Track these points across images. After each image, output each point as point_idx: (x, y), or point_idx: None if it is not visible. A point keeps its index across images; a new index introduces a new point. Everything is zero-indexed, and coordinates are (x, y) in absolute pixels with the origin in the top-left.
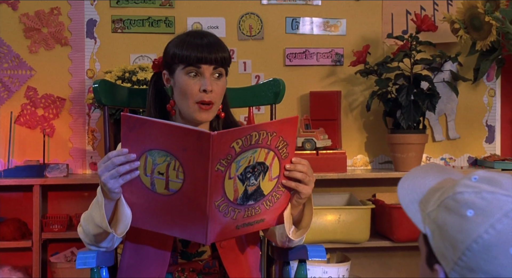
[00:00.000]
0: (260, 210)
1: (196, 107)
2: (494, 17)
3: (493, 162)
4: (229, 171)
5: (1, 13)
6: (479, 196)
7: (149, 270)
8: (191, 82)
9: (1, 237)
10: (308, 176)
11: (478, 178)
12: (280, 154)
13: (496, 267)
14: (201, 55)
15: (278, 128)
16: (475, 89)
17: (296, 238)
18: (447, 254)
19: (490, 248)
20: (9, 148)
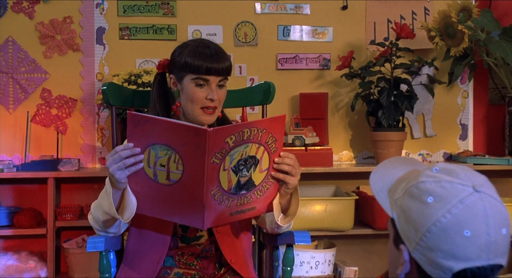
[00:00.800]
0: (252, 199)
1: (201, 112)
2: (466, 26)
3: (466, 158)
4: (223, 163)
5: (18, 22)
6: (438, 185)
7: (151, 253)
8: (198, 91)
9: (19, 225)
10: (294, 168)
11: (438, 169)
12: (270, 148)
13: (452, 247)
14: (211, 66)
15: (267, 125)
16: (450, 91)
17: (284, 224)
18: (410, 235)
19: (447, 230)
20: (25, 144)
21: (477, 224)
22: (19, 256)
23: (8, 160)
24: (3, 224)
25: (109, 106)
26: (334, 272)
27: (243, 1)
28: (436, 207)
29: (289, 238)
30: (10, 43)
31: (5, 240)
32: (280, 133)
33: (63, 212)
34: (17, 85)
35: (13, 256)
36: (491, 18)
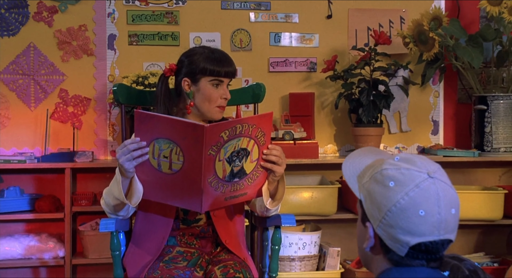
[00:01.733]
0: (243, 185)
1: (217, 110)
2: (437, 33)
3: (437, 150)
4: (219, 155)
5: (39, 29)
6: (398, 172)
7: (156, 233)
8: (214, 91)
9: (39, 210)
10: (281, 159)
11: (399, 158)
12: (259, 141)
13: (409, 224)
14: (227, 70)
15: (257, 121)
16: (423, 91)
17: (272, 208)
18: (375, 214)
19: (405, 210)
20: (45, 138)
21: (430, 205)
22: (39, 237)
23: (30, 152)
24: (26, 209)
25: (119, 105)
26: (319, 252)
27: (239, 11)
28: (396, 190)
29: (277, 220)
30: (32, 48)
31: (27, 224)
32: (268, 128)
33: (79, 199)
34: (37, 86)
35: (35, 238)
36: (458, 26)
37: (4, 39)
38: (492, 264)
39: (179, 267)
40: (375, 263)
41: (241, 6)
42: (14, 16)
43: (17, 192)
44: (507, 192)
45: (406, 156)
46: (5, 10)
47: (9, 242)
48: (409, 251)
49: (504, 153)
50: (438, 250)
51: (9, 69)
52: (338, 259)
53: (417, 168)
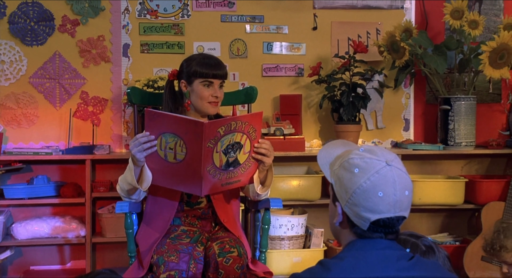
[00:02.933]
0: (237, 173)
1: (208, 105)
2: (407, 43)
3: (407, 144)
4: (216, 147)
5: (63, 40)
6: (362, 160)
7: (163, 214)
8: (205, 90)
9: (64, 195)
10: (269, 151)
11: (363, 149)
12: (251, 136)
13: (370, 203)
14: (215, 72)
15: (249, 119)
16: (396, 93)
17: (262, 192)
18: (343, 195)
19: (367, 192)
20: (68, 134)
21: (387, 188)
22: (64, 219)
23: (55, 146)
24: (52, 194)
25: (132, 105)
26: (305, 232)
27: (236, 23)
28: (360, 176)
29: (266, 203)
30: (57, 56)
31: (53, 207)
32: (258, 125)
33: (97, 186)
34: (62, 88)
35: (60, 219)
36: (426, 37)
37: (33, 48)
38: (455, 243)
39: (183, 243)
40: (343, 236)
41: (238, 19)
42: (42, 28)
43: (45, 180)
44: (467, 180)
45: (369, 147)
46: (34, 23)
47: (38, 223)
48: (370, 225)
49: (465, 147)
50: (394, 225)
51: (38, 74)
52: (321, 238)
53: (377, 158)
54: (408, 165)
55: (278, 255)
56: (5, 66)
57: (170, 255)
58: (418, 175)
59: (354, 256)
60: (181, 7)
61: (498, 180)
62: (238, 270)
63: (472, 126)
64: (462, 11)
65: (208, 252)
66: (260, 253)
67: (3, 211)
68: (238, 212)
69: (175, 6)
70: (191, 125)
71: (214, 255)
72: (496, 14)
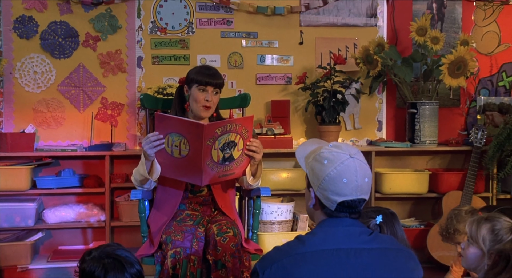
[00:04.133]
0: (232, 167)
1: (202, 108)
2: (379, 56)
3: (380, 142)
4: (214, 145)
5: (86, 53)
6: (330, 154)
7: (171, 201)
8: (200, 94)
9: (87, 186)
10: (259, 149)
11: (331, 145)
12: (243, 136)
13: (336, 188)
14: (208, 80)
15: (242, 122)
16: (370, 99)
17: (253, 183)
18: (315, 182)
19: (334, 179)
20: (90, 133)
21: (350, 175)
22: (87, 206)
23: (79, 144)
24: (76, 185)
25: (145, 109)
26: (293, 218)
27: (234, 39)
28: (328, 166)
29: (257, 192)
30: (81, 67)
31: (77, 196)
32: (250, 126)
33: (115, 178)
34: (85, 95)
35: (83, 206)
36: (395, 51)
37: (61, 61)
38: (420, 226)
39: (187, 225)
40: (316, 216)
41: (235, 35)
42: (68, 44)
43: (70, 173)
44: (431, 173)
45: (336, 144)
46: (62, 39)
47: (65, 209)
48: (337, 206)
49: (429, 145)
50: (356, 206)
51: (65, 82)
52: (306, 223)
53: (343, 152)
54: (380, 160)
55: (269, 237)
56: (37, 76)
57: (176, 235)
58: (389, 168)
59: (324, 231)
60: (187, 25)
61: (457, 173)
62: (233, 247)
63: (435, 127)
64: (425, 29)
65: (208, 232)
66: (252, 234)
67: (36, 199)
68: (234, 199)
69: (181, 24)
70: (193, 127)
71: (213, 235)
72: (455, 31)
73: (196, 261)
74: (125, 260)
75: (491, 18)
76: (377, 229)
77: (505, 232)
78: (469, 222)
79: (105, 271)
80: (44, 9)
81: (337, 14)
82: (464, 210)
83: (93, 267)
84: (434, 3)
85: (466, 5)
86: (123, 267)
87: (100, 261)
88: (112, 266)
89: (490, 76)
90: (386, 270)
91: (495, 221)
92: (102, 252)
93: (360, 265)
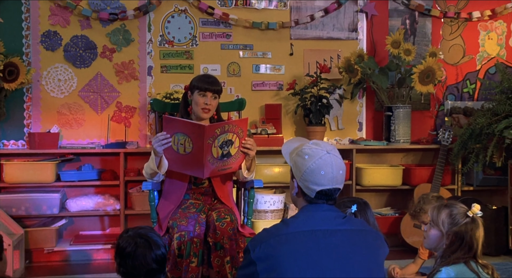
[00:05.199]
0: (230, 162)
1: (202, 111)
2: (359, 65)
3: (361, 141)
4: (214, 143)
5: (103, 63)
6: (310, 150)
7: (177, 191)
8: (200, 98)
9: (104, 179)
10: (253, 146)
11: (311, 143)
12: (239, 135)
13: (315, 179)
14: (208, 87)
15: (237, 123)
16: (352, 103)
17: (248, 176)
18: (297, 174)
19: (313, 171)
20: (107, 133)
21: (327, 168)
22: (104, 196)
23: (97, 142)
24: (95, 178)
25: (154, 111)
26: (284, 207)
27: (232, 50)
28: (309, 160)
29: (251, 183)
30: (99, 75)
31: (96, 188)
32: (245, 127)
33: (129, 172)
34: (102, 99)
35: (101, 197)
36: (373, 61)
37: (81, 70)
38: (395, 214)
39: (191, 212)
40: (299, 202)
41: (233, 47)
42: (87, 55)
43: (90, 168)
44: (404, 168)
45: (315, 141)
46: (82, 51)
47: (85, 199)
48: (316, 194)
49: (402, 143)
50: (332, 194)
51: (85, 89)
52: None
53: (321, 148)
54: (360, 157)
55: (263, 223)
56: (61, 83)
57: (181, 220)
58: (368, 164)
59: (305, 215)
60: (191, 38)
61: (427, 168)
62: (231, 231)
63: (408, 127)
64: (399, 42)
65: (208, 218)
66: (247, 220)
67: (60, 190)
68: (231, 190)
69: (186, 37)
70: (196, 127)
71: (213, 220)
72: (426, 44)
73: (198, 243)
74: (154, 242)
75: (456, 33)
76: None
77: (461, 217)
78: (431, 208)
79: (135, 248)
80: (67, 25)
81: (323, 29)
82: (431, 195)
83: (126, 243)
84: (407, 19)
85: (435, 21)
86: (150, 247)
87: (133, 239)
88: (142, 245)
89: (456, 83)
90: (357, 247)
91: (452, 207)
92: (136, 232)
93: (334, 243)
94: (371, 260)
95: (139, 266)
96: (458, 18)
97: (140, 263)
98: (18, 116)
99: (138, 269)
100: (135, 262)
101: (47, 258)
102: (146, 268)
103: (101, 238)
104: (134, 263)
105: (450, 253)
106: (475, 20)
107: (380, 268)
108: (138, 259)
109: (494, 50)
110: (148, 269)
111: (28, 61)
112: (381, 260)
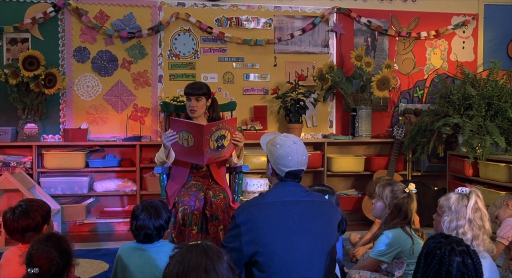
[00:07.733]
0: (223, 152)
1: (190, 112)
2: (330, 75)
3: (331, 136)
4: (211, 138)
5: (123, 73)
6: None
7: (181, 174)
8: (188, 102)
9: (123, 166)
10: (241, 139)
11: (282, 135)
12: (231, 131)
13: (284, 162)
14: (190, 92)
15: (229, 122)
16: (324, 105)
17: (237, 162)
18: (271, 159)
19: (283, 157)
20: (126, 129)
21: (294, 154)
22: (123, 180)
23: (118, 136)
24: (116, 165)
25: (164, 112)
26: (268, 189)
27: (227, 62)
28: (279, 148)
29: (240, 168)
30: (119, 82)
31: (117, 173)
32: (234, 125)
33: (143, 160)
34: (122, 102)
35: (121, 180)
36: (341, 72)
37: (105, 78)
38: (358, 195)
39: (192, 190)
40: (273, 180)
41: (228, 60)
42: (110, 66)
43: (112, 157)
44: (366, 157)
45: (286, 134)
46: (106, 63)
47: (108, 182)
48: (285, 174)
49: (365, 137)
50: (297, 174)
51: (108, 93)
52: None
53: (289, 139)
54: (331, 148)
55: None
56: (89, 88)
57: (185, 197)
58: (337, 154)
59: (277, 190)
60: (194, 52)
61: (384, 157)
62: (224, 205)
63: (369, 125)
64: (361, 56)
65: (206, 195)
66: (237, 197)
67: (88, 174)
68: (225, 173)
69: (190, 51)
70: (196, 127)
71: (210, 197)
72: (384, 57)
73: (198, 215)
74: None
75: (408, 49)
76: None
77: (400, 192)
78: (378, 185)
79: (141, 211)
80: (94, 42)
81: (301, 45)
82: (383, 178)
83: (136, 208)
84: (369, 37)
85: (391, 39)
86: (156, 212)
87: (142, 205)
88: (147, 209)
89: (408, 89)
90: (316, 214)
91: (394, 185)
92: (147, 201)
93: (299, 211)
94: (326, 224)
95: (140, 227)
96: (409, 37)
97: (140, 225)
98: (55, 115)
99: (139, 230)
100: (138, 222)
101: (79, 229)
102: (145, 231)
103: (121, 213)
104: (137, 224)
105: (390, 220)
106: (423, 39)
107: (334, 230)
108: (139, 222)
109: (438, 63)
110: (147, 232)
111: (63, 71)
112: (334, 224)
